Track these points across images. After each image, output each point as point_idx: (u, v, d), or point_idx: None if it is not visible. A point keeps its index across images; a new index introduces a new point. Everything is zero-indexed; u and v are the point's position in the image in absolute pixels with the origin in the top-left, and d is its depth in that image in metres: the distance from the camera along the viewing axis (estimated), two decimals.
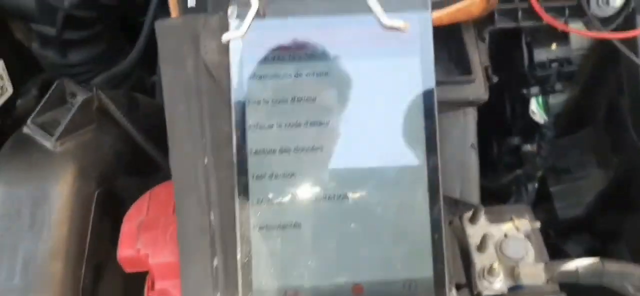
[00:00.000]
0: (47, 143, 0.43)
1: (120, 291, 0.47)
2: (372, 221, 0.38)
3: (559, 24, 0.50)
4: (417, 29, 0.39)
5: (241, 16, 0.39)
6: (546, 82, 0.55)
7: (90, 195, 0.43)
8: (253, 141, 0.38)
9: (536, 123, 0.58)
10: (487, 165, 0.71)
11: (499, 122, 0.63)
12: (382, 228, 0.38)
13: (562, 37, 0.55)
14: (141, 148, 0.48)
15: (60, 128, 0.43)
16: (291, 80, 0.39)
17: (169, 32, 0.40)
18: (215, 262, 0.38)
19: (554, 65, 0.54)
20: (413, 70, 0.39)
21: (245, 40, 0.38)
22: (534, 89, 0.56)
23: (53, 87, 0.45)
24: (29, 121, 0.44)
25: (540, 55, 0.54)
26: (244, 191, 0.37)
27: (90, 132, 0.45)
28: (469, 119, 0.42)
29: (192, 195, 0.39)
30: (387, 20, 0.39)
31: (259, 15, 0.39)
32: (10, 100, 0.51)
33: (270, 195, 0.37)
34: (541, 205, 0.68)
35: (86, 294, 0.42)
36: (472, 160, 0.40)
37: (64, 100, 0.45)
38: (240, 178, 0.37)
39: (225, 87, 0.39)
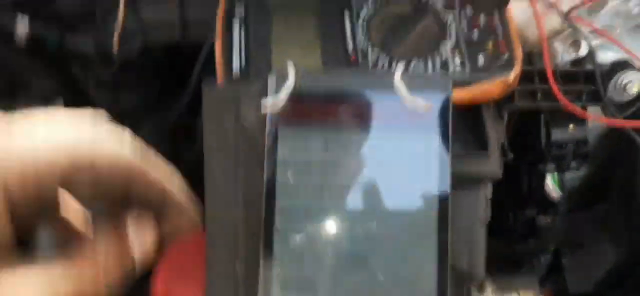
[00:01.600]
0: None
1: None
2: (382, 288, 0.41)
3: (576, 108, 0.53)
4: (438, 109, 0.43)
5: (279, 87, 0.43)
6: (562, 160, 0.58)
7: None
8: (281, 196, 0.42)
9: (551, 198, 0.60)
10: (502, 232, 0.74)
11: (516, 193, 0.65)
12: (392, 290, 0.41)
13: (580, 119, 0.58)
14: None
15: None
16: (319, 147, 0.43)
17: (213, 95, 0.45)
18: None
19: (571, 145, 0.57)
20: (431, 147, 0.43)
21: (280, 109, 0.43)
22: (550, 166, 0.58)
23: None
24: None
25: (558, 134, 0.57)
26: (269, 246, 0.41)
27: None
28: (480, 196, 0.45)
29: (221, 245, 0.43)
30: (410, 100, 0.43)
31: (294, 88, 0.43)
32: None
33: (292, 252, 0.41)
34: (553, 277, 0.69)
35: None
36: (480, 235, 0.43)
37: None
38: (266, 233, 0.41)
39: (260, 150, 0.43)
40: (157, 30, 0.61)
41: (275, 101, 0.43)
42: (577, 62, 0.55)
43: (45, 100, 0.57)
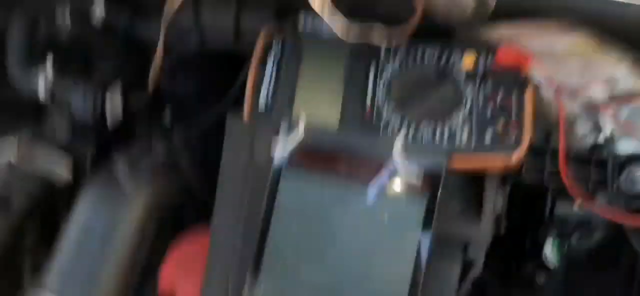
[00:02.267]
0: (126, 183, 0.56)
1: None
2: None
3: (583, 195, 0.53)
4: (430, 181, 0.47)
5: (289, 137, 0.48)
6: (564, 234, 0.60)
7: (150, 230, 0.56)
8: (273, 234, 0.47)
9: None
10: (505, 277, 0.76)
11: (516, 248, 0.68)
12: None
13: None
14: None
15: (138, 175, 0.56)
16: (316, 194, 0.48)
17: (235, 128, 0.51)
18: None
19: (573, 220, 0.59)
20: (418, 212, 0.47)
21: (287, 155, 0.48)
22: (552, 233, 0.60)
23: (140, 136, 0.58)
24: (117, 158, 0.56)
25: (562, 209, 0.59)
26: (255, 271, 0.47)
27: (162, 179, 0.57)
28: (453, 274, 0.48)
29: (219, 262, 0.50)
30: (404, 171, 0.47)
31: (303, 140, 0.48)
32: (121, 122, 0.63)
33: (275, 283, 0.47)
34: None
35: None
36: None
37: (149, 148, 0.57)
38: (255, 259, 0.47)
39: (264, 185, 0.48)
40: (212, 34, 0.66)
41: (283, 148, 0.48)
42: (594, 147, 0.56)
43: (106, 81, 0.63)
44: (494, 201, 0.53)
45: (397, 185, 0.47)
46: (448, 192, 0.54)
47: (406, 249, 0.46)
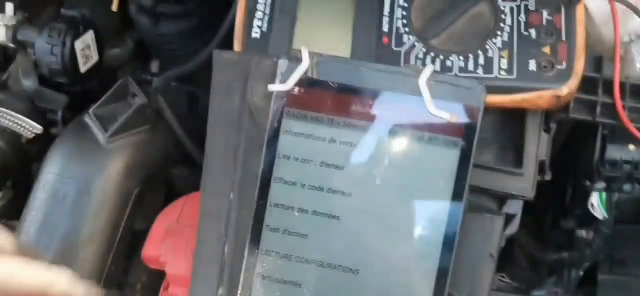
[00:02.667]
0: (101, 136, 0.47)
1: (142, 283, 0.51)
2: None
3: (638, 132, 0.45)
4: (464, 122, 0.38)
5: (290, 70, 0.39)
6: (613, 182, 0.51)
7: (131, 192, 0.47)
8: (275, 194, 0.39)
9: (594, 216, 0.54)
10: (537, 235, 0.68)
11: (558, 199, 0.59)
12: None
13: None
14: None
15: (114, 126, 0.47)
16: (325, 144, 0.39)
17: (224, 64, 0.42)
18: (220, 291, 0.41)
19: (627, 166, 0.50)
20: (450, 163, 0.38)
21: (288, 93, 0.39)
22: (599, 185, 0.52)
23: (117, 84, 0.49)
24: (90, 110, 0.48)
25: (613, 152, 0.50)
26: (256, 238, 0.39)
27: (142, 133, 0.49)
28: (495, 227, 0.40)
29: (213, 223, 0.41)
30: (433, 108, 0.38)
31: (307, 73, 0.39)
32: (95, 67, 0.55)
33: (279, 250, 0.39)
34: (585, 289, 0.64)
35: (109, 281, 0.47)
36: (488, 270, 0.39)
37: (126, 97, 0.49)
38: (255, 225, 0.39)
39: (262, 134, 0.40)
40: None
41: (283, 84, 0.39)
42: None
43: (76, 24, 0.55)
44: (537, 144, 0.45)
45: (423, 128, 0.38)
46: (484, 135, 0.46)
47: (437, 204, 0.38)
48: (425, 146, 0.38)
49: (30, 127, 0.51)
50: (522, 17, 0.43)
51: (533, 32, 0.43)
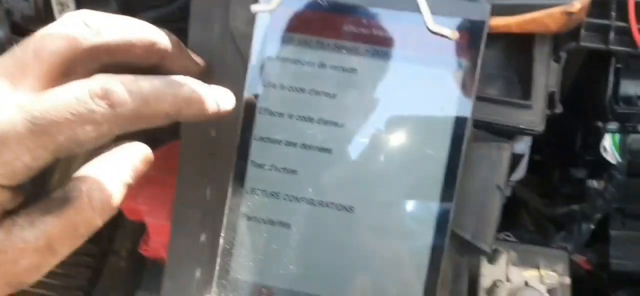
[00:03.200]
0: None
1: (127, 249, 0.48)
2: (367, 240, 0.35)
3: None
4: (467, 40, 0.34)
5: None
6: (628, 121, 0.47)
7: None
8: (260, 126, 0.35)
9: (607, 161, 0.50)
10: (545, 189, 0.65)
11: (566, 147, 0.56)
12: (376, 251, 0.35)
13: None
14: None
15: None
16: (314, 69, 0.35)
17: None
18: (203, 238, 0.38)
19: None
20: (452, 86, 0.35)
21: (273, 15, 0.36)
22: (612, 125, 0.48)
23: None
24: None
25: (628, 87, 0.46)
26: (240, 176, 0.35)
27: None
28: (503, 157, 0.36)
29: (194, 164, 0.38)
30: (433, 24, 0.34)
31: None
32: None
33: (266, 187, 0.35)
34: (597, 245, 0.61)
35: None
36: (495, 203, 0.35)
37: None
38: (238, 162, 0.35)
39: (245, 60, 0.36)
40: None
41: (267, 4, 0.35)
42: None
43: None
44: (546, 74, 0.41)
45: (422, 48, 0.35)
46: (490, 71, 0.42)
47: (438, 132, 0.34)
48: (424, 68, 0.35)
49: None
50: None
51: None
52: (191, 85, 0.30)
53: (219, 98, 0.32)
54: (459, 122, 0.34)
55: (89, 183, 0.28)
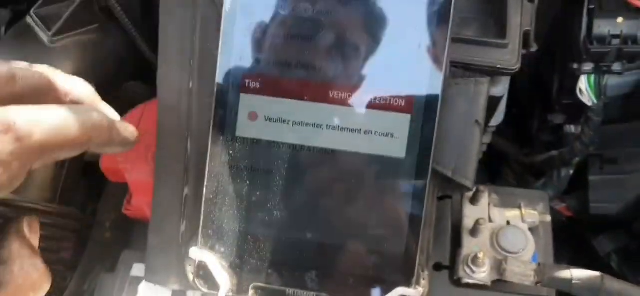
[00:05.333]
0: (44, 37, 0.42)
1: (111, 221, 0.48)
2: (350, 182, 0.35)
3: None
4: None
5: None
6: (602, 60, 0.48)
7: None
8: (237, 74, 0.35)
9: (583, 105, 0.51)
10: (524, 137, 0.66)
11: (544, 93, 0.56)
12: (359, 192, 0.35)
13: (633, 10, 0.47)
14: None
15: (59, 24, 0.42)
16: (288, 13, 0.35)
17: None
18: (186, 191, 0.37)
19: (616, 41, 0.47)
20: (427, 24, 0.34)
21: None
22: (587, 66, 0.49)
23: None
24: (31, 11, 0.43)
25: (601, 27, 0.47)
26: (220, 125, 0.35)
27: (90, 33, 0.44)
28: (480, 91, 0.37)
29: (173, 118, 0.38)
30: None
31: None
32: None
33: (246, 134, 0.35)
34: (577, 192, 0.62)
35: (65, 196, 0.43)
36: (475, 138, 0.36)
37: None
38: (217, 110, 0.35)
39: (219, 8, 0.36)
40: None
41: None
42: None
43: None
44: (521, 13, 0.41)
45: None
46: (465, 15, 0.43)
47: (416, 66, 0.34)
48: (399, 6, 0.35)
49: None
50: None
51: None
52: (98, 111, 0.28)
53: (125, 128, 0.31)
54: (436, 59, 0.34)
55: None
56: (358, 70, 0.35)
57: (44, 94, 0.28)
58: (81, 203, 0.55)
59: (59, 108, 0.26)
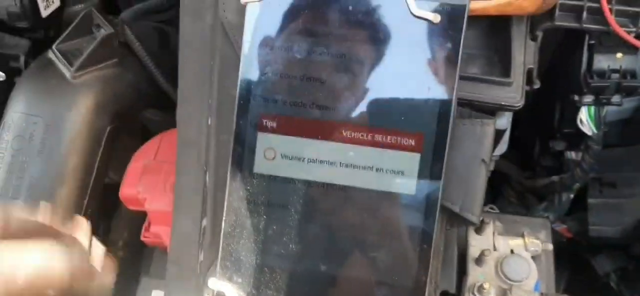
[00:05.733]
0: (67, 72, 0.44)
1: (124, 240, 0.49)
2: (362, 217, 0.37)
3: (627, 35, 0.44)
4: (448, 23, 0.36)
5: None
6: (602, 93, 0.50)
7: (103, 129, 0.45)
8: (255, 113, 0.37)
9: (584, 133, 0.53)
10: (526, 163, 0.68)
11: (545, 121, 0.58)
12: (371, 227, 0.37)
13: (632, 47, 0.49)
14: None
15: (80, 60, 0.44)
16: (303, 56, 0.37)
17: None
18: (204, 223, 0.39)
19: (615, 76, 0.49)
20: (435, 67, 0.36)
21: (262, 5, 0.37)
22: (587, 98, 0.50)
23: (80, 16, 0.46)
24: (54, 46, 0.45)
25: (601, 62, 0.49)
26: (238, 162, 0.37)
27: (111, 67, 0.46)
28: (486, 132, 0.38)
29: (192, 152, 0.39)
30: (416, 8, 0.36)
31: None
32: (57, 13, 0.52)
33: (263, 171, 0.37)
34: (577, 214, 0.64)
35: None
36: (481, 176, 0.38)
37: (90, 31, 0.46)
38: (236, 147, 0.37)
39: (237, 50, 0.38)
40: None
41: None
42: None
43: None
44: (524, 52, 0.43)
45: (408, 30, 0.36)
46: (470, 51, 0.44)
47: (424, 106, 0.36)
48: (409, 51, 0.36)
49: None
50: None
51: None
52: (82, 253, 0.30)
53: (106, 271, 0.32)
54: (445, 101, 0.36)
55: None
56: (370, 111, 0.37)
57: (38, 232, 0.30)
58: (94, 223, 0.57)
59: (43, 252, 0.27)
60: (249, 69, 0.37)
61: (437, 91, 0.36)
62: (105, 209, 0.59)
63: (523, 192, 0.70)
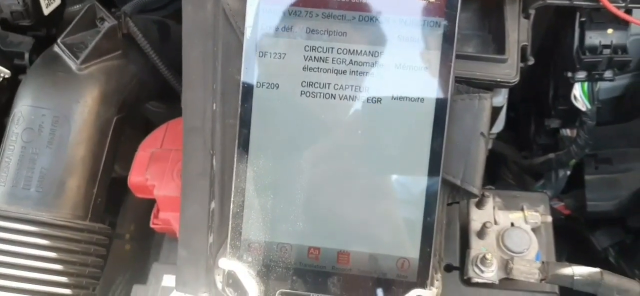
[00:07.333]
0: (72, 64, 0.45)
1: (131, 233, 0.50)
2: (367, 192, 0.38)
3: (617, 10, 0.46)
4: (445, 2, 0.37)
5: None
6: (594, 69, 0.51)
7: (110, 120, 0.46)
8: (259, 97, 0.38)
9: (578, 109, 0.54)
10: (522, 142, 0.69)
11: (540, 99, 0.59)
12: (376, 201, 0.38)
13: (622, 22, 0.50)
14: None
15: (86, 52, 0.45)
16: (305, 37, 0.38)
17: None
18: (212, 205, 0.40)
19: (606, 51, 0.50)
20: (434, 43, 0.37)
21: None
22: (580, 74, 0.52)
23: (84, 10, 0.47)
24: (59, 40, 0.46)
25: (593, 38, 0.50)
26: (244, 144, 0.38)
27: (115, 59, 0.47)
28: (484, 106, 0.39)
29: (198, 137, 0.40)
30: None
31: None
32: (59, 11, 0.53)
33: (269, 152, 0.38)
34: (574, 191, 0.65)
35: (97, 212, 0.45)
36: (480, 148, 0.39)
37: (94, 24, 0.47)
38: (241, 130, 0.38)
39: (240, 36, 0.39)
40: None
41: None
42: None
43: None
44: (518, 30, 0.44)
45: (407, 8, 0.37)
46: (465, 32, 0.45)
47: (424, 82, 0.37)
48: (408, 27, 0.37)
49: None
50: None
51: None
52: None
53: None
54: (442, 76, 0.37)
55: None
56: (369, 88, 0.38)
57: None
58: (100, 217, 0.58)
59: None
60: (252, 54, 0.38)
61: (435, 69, 0.37)
62: (111, 203, 0.60)
63: (520, 173, 0.71)
